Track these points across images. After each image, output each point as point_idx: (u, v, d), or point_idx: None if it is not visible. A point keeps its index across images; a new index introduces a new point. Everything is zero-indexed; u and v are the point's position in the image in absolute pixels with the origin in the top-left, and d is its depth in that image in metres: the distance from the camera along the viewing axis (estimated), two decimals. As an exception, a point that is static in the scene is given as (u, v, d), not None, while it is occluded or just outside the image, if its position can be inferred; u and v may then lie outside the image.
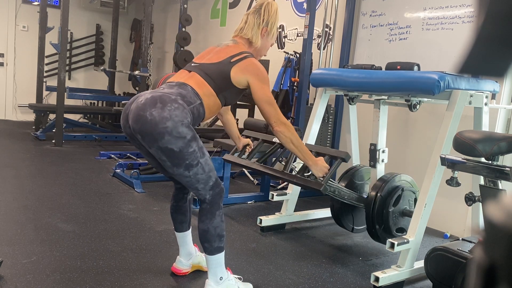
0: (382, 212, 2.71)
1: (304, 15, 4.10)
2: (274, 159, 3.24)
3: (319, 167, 2.21)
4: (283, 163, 2.72)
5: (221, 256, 2.00)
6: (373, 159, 3.01)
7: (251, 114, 5.25)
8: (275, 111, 2.02)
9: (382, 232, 2.73)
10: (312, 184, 2.33)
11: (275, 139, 2.72)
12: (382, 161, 3.02)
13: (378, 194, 2.70)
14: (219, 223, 1.96)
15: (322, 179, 2.32)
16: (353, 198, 2.78)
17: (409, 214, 2.73)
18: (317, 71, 3.13)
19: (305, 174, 2.43)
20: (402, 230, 2.77)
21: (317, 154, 2.46)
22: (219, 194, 1.97)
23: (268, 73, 2.37)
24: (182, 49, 6.11)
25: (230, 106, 2.34)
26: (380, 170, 3.02)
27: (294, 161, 2.68)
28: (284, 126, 2.02)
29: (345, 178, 3.05)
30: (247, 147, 2.62)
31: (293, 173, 2.62)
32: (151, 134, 1.78)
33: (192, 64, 2.08)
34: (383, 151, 3.00)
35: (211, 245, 1.96)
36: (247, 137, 2.81)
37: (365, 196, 2.85)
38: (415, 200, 2.80)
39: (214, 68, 2.00)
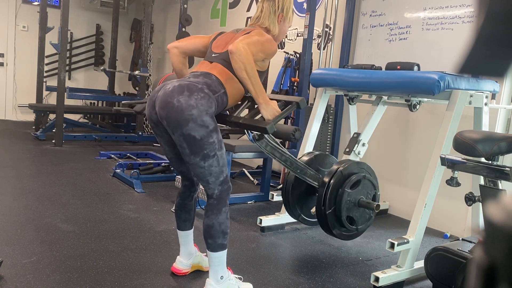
0: (337, 191, 2.49)
1: (304, 15, 4.10)
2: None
3: (270, 108, 1.94)
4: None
5: (223, 254, 2.00)
6: (350, 147, 2.87)
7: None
8: (247, 40, 1.91)
9: (332, 215, 2.49)
10: (257, 122, 1.98)
11: None
12: (358, 153, 2.87)
13: (338, 169, 2.51)
14: (224, 219, 1.97)
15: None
16: (300, 169, 2.51)
17: (364, 205, 2.54)
18: (317, 71, 3.13)
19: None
20: (352, 221, 2.56)
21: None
22: (227, 190, 1.99)
23: (268, 73, 2.36)
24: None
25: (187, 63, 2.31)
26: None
27: (247, 107, 2.32)
28: (244, 49, 1.84)
29: (309, 160, 2.79)
30: None
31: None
32: (177, 120, 1.83)
33: (213, 55, 2.11)
34: (363, 144, 2.88)
35: (214, 241, 1.97)
36: None
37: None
38: (374, 197, 2.64)
39: None
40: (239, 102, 2.30)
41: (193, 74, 2.04)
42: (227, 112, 2.30)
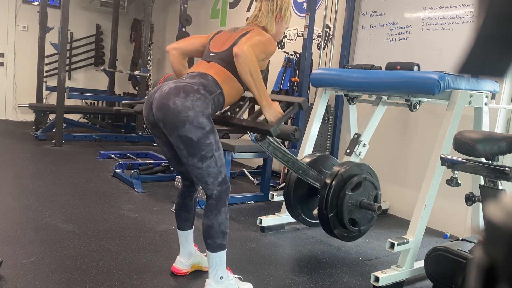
0: (339, 194, 2.48)
1: (304, 15, 4.10)
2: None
3: (273, 110, 1.97)
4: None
5: (222, 255, 2.01)
6: (351, 148, 2.88)
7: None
8: (250, 42, 1.90)
9: (334, 218, 2.49)
10: (261, 125, 2.01)
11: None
12: (359, 154, 2.87)
13: (339, 172, 2.50)
14: (223, 220, 1.98)
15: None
16: (302, 169, 2.50)
17: (366, 206, 2.54)
18: (317, 71, 3.13)
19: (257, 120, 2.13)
20: (355, 223, 2.56)
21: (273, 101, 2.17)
22: (225, 191, 1.99)
23: (268, 73, 2.36)
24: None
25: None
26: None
27: (249, 107, 2.36)
28: (249, 52, 1.85)
29: (311, 161, 2.78)
30: None
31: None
32: (173, 122, 1.84)
33: (210, 54, 2.11)
34: (364, 145, 2.88)
35: (214, 241, 1.97)
36: None
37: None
38: (375, 197, 2.63)
39: (229, 52, 2.01)
40: (241, 103, 2.31)
41: (189, 74, 2.04)
42: (229, 113, 2.30)
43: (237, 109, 2.32)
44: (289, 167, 2.49)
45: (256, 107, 2.15)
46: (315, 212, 2.59)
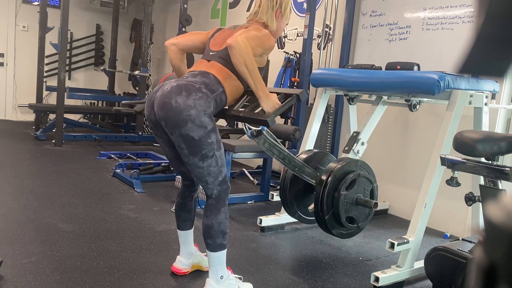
0: (333, 195, 2.47)
1: (304, 15, 4.10)
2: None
3: (270, 101, 1.94)
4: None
5: (222, 254, 2.01)
6: (349, 146, 2.86)
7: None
8: (245, 34, 1.90)
9: (331, 219, 2.49)
10: (258, 116, 1.98)
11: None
12: (357, 152, 2.84)
13: (332, 173, 2.48)
14: (223, 219, 1.98)
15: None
16: (298, 166, 2.49)
17: (363, 203, 2.53)
18: (317, 71, 3.13)
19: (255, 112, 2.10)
20: (352, 220, 2.55)
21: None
22: (225, 191, 1.99)
23: (268, 73, 2.36)
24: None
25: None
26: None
27: (247, 101, 2.29)
28: (243, 43, 1.84)
29: (307, 158, 2.76)
30: None
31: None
32: (175, 120, 1.83)
33: (211, 53, 2.10)
34: (363, 143, 2.86)
35: (214, 241, 1.97)
36: None
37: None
38: (372, 191, 2.62)
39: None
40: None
41: (191, 73, 2.03)
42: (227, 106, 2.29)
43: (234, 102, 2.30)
44: (285, 164, 2.48)
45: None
46: (311, 207, 2.58)
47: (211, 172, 1.93)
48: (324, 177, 2.51)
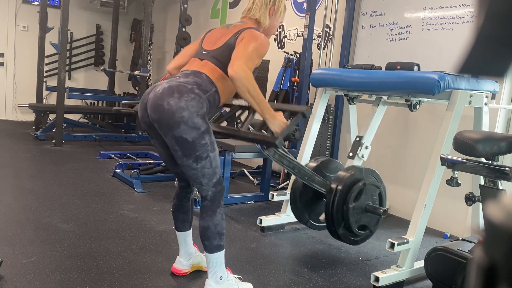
0: (342, 209, 2.49)
1: (304, 15, 4.10)
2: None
3: (277, 121, 1.97)
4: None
5: (221, 255, 2.00)
6: (354, 151, 2.87)
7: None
8: (244, 56, 1.90)
9: (344, 231, 2.52)
10: (266, 137, 2.04)
11: (235, 102, 2.36)
12: (362, 156, 2.86)
13: (338, 188, 2.49)
14: (219, 220, 1.97)
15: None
16: (308, 175, 2.51)
17: (372, 210, 2.54)
18: (317, 71, 3.13)
19: (262, 131, 2.16)
20: (365, 228, 2.57)
21: (276, 110, 2.19)
22: (220, 192, 1.99)
23: (268, 73, 2.36)
24: (182, 49, 6.11)
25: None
26: (357, 164, 2.93)
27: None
28: (244, 72, 1.86)
29: (315, 167, 2.79)
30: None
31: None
32: (168, 122, 1.82)
33: (203, 52, 2.09)
34: (366, 147, 2.87)
35: (211, 243, 1.96)
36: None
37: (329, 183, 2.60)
38: (380, 195, 2.62)
39: (222, 50, 2.01)
40: (245, 110, 2.30)
41: (183, 73, 2.02)
42: (234, 123, 2.29)
43: (240, 121, 2.36)
44: (295, 174, 2.50)
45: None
46: (322, 217, 2.60)
47: (206, 174, 1.92)
48: (331, 193, 2.51)
